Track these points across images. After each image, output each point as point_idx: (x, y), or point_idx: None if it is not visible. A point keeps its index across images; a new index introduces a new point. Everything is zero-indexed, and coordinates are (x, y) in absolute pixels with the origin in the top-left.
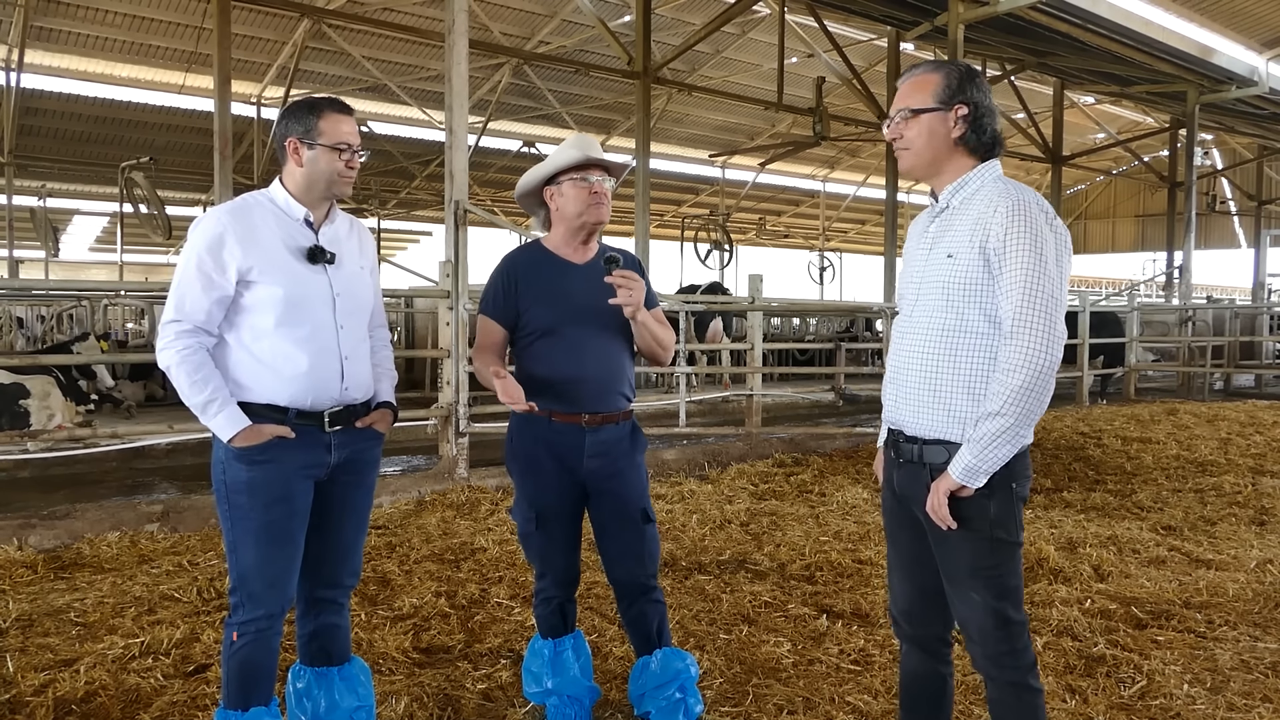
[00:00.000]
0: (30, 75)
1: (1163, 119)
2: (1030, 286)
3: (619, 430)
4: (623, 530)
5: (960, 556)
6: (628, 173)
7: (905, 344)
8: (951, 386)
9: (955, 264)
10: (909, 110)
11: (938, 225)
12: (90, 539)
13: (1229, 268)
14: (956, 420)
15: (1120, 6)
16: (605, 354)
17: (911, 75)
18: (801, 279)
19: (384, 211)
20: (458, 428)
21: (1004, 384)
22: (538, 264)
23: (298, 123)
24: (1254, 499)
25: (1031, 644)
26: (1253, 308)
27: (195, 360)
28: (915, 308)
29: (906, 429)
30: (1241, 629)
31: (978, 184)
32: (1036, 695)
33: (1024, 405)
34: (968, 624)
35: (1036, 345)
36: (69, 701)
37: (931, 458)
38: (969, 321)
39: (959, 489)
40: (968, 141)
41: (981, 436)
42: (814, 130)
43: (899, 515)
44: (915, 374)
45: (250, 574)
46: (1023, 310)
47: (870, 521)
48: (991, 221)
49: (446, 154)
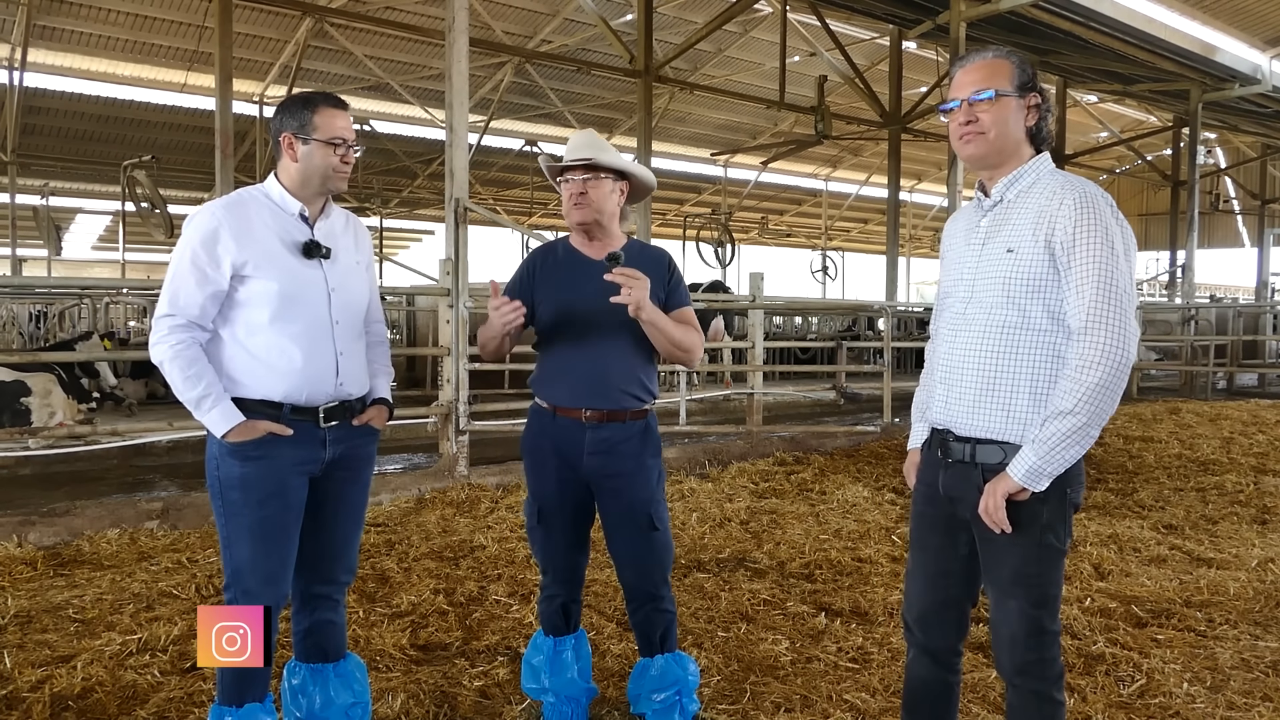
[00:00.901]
0: (33, 74)
1: (1166, 118)
2: (1104, 281)
3: (625, 430)
4: (627, 534)
5: (1007, 561)
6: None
7: (959, 342)
8: (1013, 386)
9: (1017, 259)
10: (994, 91)
11: (990, 220)
12: (90, 536)
13: (1232, 267)
14: (1016, 421)
15: (1123, 4)
16: (611, 351)
17: (980, 58)
18: (803, 278)
19: (386, 210)
20: (458, 425)
21: (1078, 381)
22: (557, 259)
23: (292, 118)
24: (1256, 498)
25: (1061, 655)
26: (1256, 307)
27: (189, 355)
28: (970, 305)
29: (957, 429)
30: (1242, 628)
31: (1033, 177)
32: (1059, 708)
33: (1097, 404)
34: (1000, 628)
35: (1113, 341)
36: (66, 697)
37: (985, 458)
38: (1032, 318)
39: (1018, 492)
40: (1035, 133)
41: (1049, 437)
42: (816, 129)
43: (933, 520)
44: (972, 373)
45: (245, 570)
46: (1097, 306)
47: (870, 520)
48: (1058, 215)
49: (447, 152)
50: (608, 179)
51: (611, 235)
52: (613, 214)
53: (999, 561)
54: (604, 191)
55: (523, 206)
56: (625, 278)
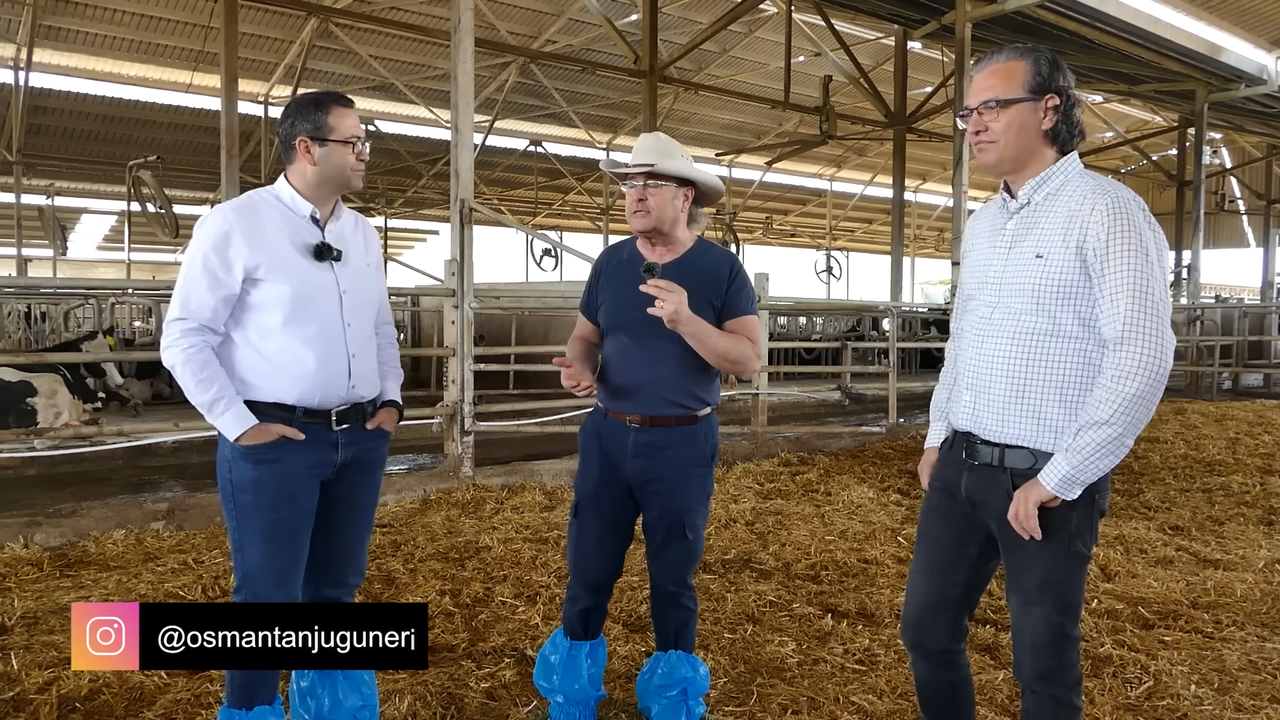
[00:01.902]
0: (39, 74)
1: (1171, 118)
2: (1140, 289)
3: (670, 435)
4: (661, 535)
5: (1034, 567)
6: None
7: (986, 349)
8: (1042, 393)
9: (1046, 265)
10: (997, 101)
11: (1017, 223)
12: (96, 537)
13: (1237, 267)
14: (1048, 428)
15: (1129, 4)
16: (659, 357)
17: (994, 61)
18: (808, 278)
19: (391, 210)
20: (463, 426)
21: (1115, 391)
22: (621, 263)
23: (305, 120)
24: (1262, 499)
25: (1080, 662)
26: (1261, 307)
27: (201, 359)
28: (996, 310)
29: (985, 435)
30: (1249, 629)
31: (1061, 179)
32: (1076, 713)
33: (1134, 414)
34: (1022, 634)
35: (1150, 351)
36: (73, 699)
37: (1014, 462)
38: (1062, 325)
39: (1050, 500)
40: (1057, 133)
41: (1083, 446)
42: (821, 129)
43: (947, 519)
44: (1001, 379)
45: (255, 573)
46: (1133, 314)
47: (876, 521)
48: (1090, 220)
49: (452, 152)
50: (669, 185)
51: (675, 241)
52: (675, 220)
53: (1026, 568)
54: (665, 198)
55: (527, 207)
56: (659, 290)
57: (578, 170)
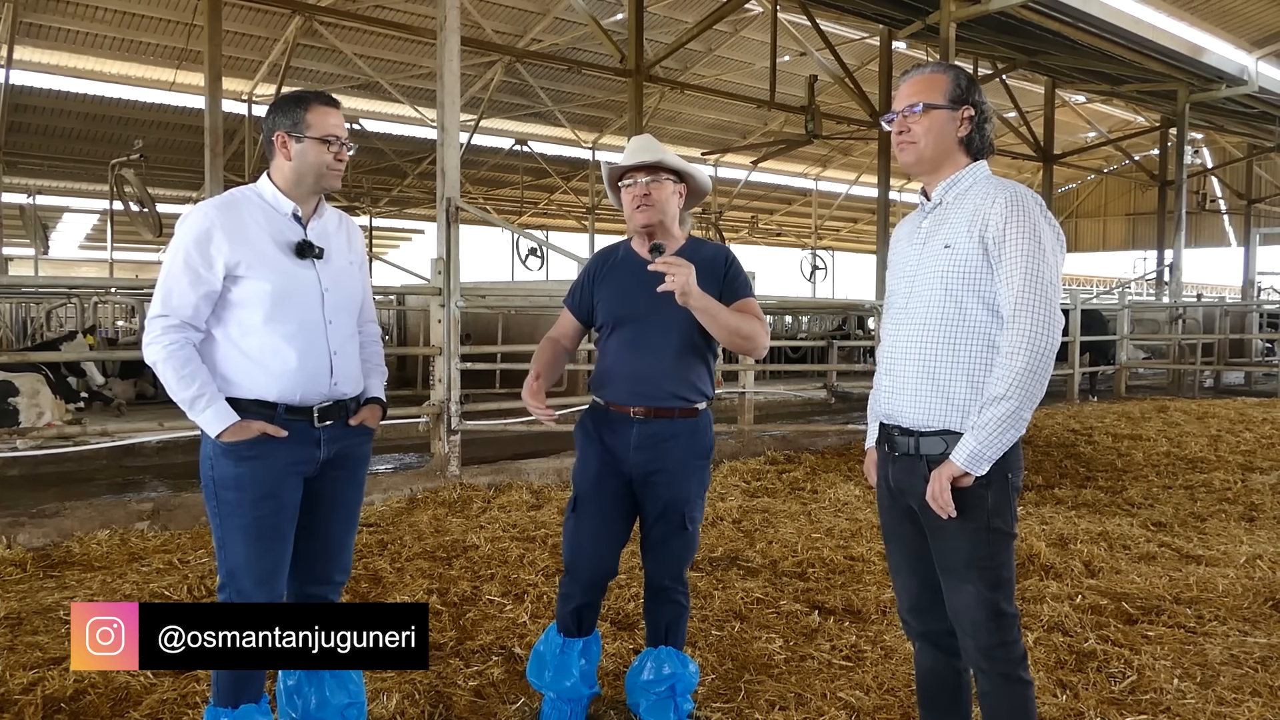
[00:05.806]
0: (20, 72)
1: (1153, 118)
2: (1030, 272)
3: (672, 427)
4: (659, 529)
5: (958, 547)
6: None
7: (901, 335)
8: (951, 375)
9: (953, 254)
10: (922, 105)
11: (930, 221)
12: (80, 537)
13: (1219, 266)
14: (956, 409)
15: (1111, 5)
16: (661, 350)
17: (919, 73)
18: (794, 277)
19: (376, 209)
20: (449, 425)
21: (1008, 367)
22: (616, 261)
23: (285, 116)
24: (1243, 495)
25: (1022, 638)
26: (1242, 305)
27: (182, 355)
28: (910, 299)
29: (902, 421)
30: (1231, 624)
31: (970, 180)
32: (1027, 687)
33: (1027, 387)
34: (960, 616)
35: (1038, 328)
36: (58, 700)
37: (928, 449)
38: (968, 310)
39: (961, 476)
40: (969, 142)
41: (987, 422)
42: (806, 129)
43: (896, 512)
44: (913, 364)
45: (239, 570)
46: (1023, 295)
47: (862, 519)
48: (990, 212)
49: (438, 151)
50: (669, 180)
51: (671, 237)
52: (674, 215)
53: (951, 549)
54: (666, 193)
55: (513, 206)
56: (668, 265)
57: (563, 169)
